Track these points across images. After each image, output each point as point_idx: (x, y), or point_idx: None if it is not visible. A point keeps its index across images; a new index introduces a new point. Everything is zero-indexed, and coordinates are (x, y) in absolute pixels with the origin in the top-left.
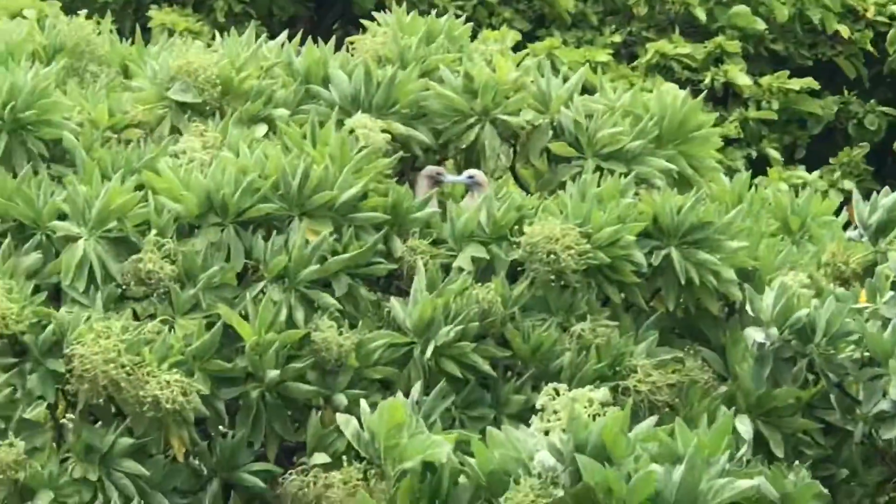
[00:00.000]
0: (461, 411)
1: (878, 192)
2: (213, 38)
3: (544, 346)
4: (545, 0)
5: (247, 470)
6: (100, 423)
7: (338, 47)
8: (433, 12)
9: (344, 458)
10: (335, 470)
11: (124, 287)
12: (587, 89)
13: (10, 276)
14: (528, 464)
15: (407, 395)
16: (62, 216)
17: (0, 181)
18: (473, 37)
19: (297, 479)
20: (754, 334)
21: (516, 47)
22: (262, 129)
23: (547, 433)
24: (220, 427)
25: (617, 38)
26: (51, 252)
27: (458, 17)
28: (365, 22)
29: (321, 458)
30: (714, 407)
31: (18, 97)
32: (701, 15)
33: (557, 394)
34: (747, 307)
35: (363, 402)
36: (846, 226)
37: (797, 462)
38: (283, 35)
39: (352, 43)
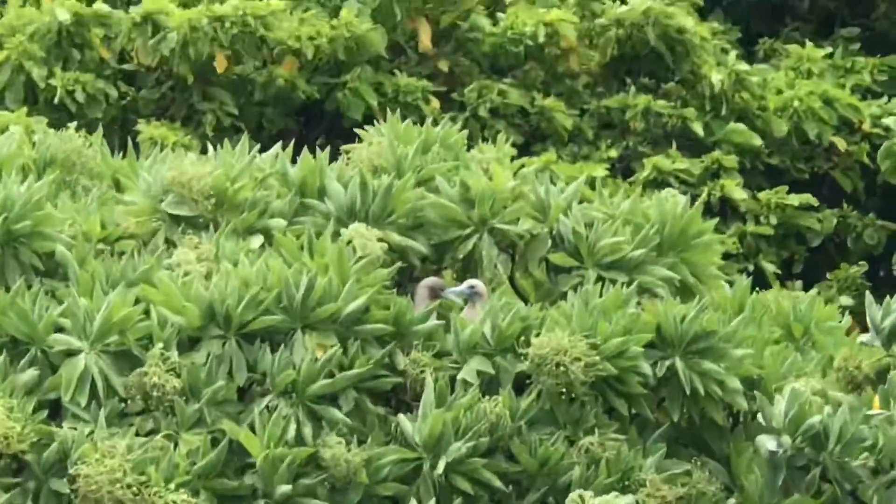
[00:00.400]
0: None
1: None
2: (204, 151)
3: (552, 460)
4: (541, 114)
5: None
6: None
7: (331, 160)
8: (427, 121)
9: None
10: None
11: (127, 401)
12: (584, 202)
13: (9, 395)
14: None
15: None
16: (58, 329)
17: None
18: (468, 148)
19: None
20: (766, 442)
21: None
22: (257, 240)
23: None
24: None
25: (613, 153)
26: (46, 367)
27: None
28: (360, 132)
29: None
30: None
31: (11, 210)
32: (698, 129)
33: (583, 501)
34: (759, 415)
35: None
36: (848, 332)
37: None
38: (277, 146)
39: (347, 152)
